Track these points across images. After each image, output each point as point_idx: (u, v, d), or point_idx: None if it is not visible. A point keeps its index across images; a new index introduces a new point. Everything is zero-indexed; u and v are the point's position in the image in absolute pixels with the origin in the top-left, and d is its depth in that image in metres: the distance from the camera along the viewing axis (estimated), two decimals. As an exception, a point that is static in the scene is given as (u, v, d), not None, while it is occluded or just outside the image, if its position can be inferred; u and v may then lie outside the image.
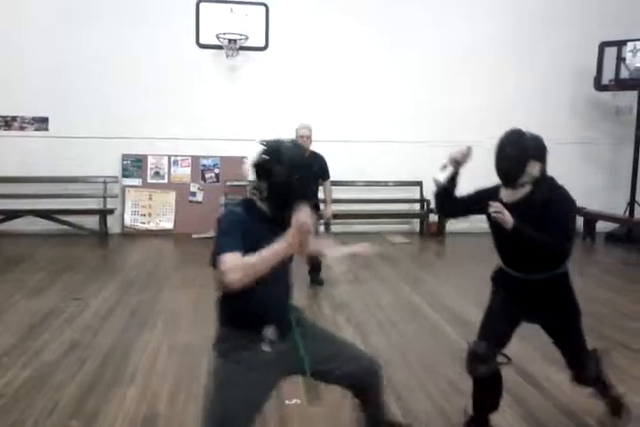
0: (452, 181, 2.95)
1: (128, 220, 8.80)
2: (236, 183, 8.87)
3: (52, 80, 8.47)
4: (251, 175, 2.37)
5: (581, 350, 2.94)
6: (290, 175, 2.22)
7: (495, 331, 2.88)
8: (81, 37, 8.42)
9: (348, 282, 6.19)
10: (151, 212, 8.84)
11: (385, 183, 9.24)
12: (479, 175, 3.39)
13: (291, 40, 8.77)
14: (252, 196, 2.33)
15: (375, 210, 9.13)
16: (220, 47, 8.55)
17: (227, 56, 8.56)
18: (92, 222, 8.48)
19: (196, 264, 6.96)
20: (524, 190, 2.73)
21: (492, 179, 2.88)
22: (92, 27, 8.43)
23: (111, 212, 8.63)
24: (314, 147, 5.81)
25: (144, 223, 8.83)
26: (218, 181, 8.96)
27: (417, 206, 9.45)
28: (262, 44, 8.73)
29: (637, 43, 8.54)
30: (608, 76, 8.89)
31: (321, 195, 5.98)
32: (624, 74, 8.71)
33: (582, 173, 9.22)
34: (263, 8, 8.68)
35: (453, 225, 9.07)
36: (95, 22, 8.44)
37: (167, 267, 6.92)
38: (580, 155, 9.52)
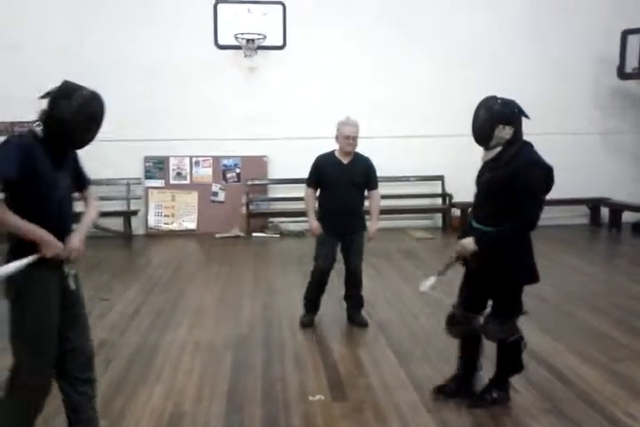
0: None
1: (152, 221, 8.90)
2: (257, 182, 8.94)
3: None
4: None
5: (508, 308, 3.13)
6: None
7: (466, 297, 3.31)
8: (99, 41, 8.51)
9: (370, 278, 6.19)
10: (174, 212, 8.93)
11: (407, 178, 9.19)
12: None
13: (308, 38, 8.76)
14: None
15: (398, 206, 9.05)
16: (238, 47, 8.58)
17: (245, 56, 8.60)
18: (116, 224, 8.57)
19: (219, 263, 7.03)
20: (495, 151, 2.99)
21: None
22: (111, 30, 8.52)
23: (135, 213, 8.73)
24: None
25: (167, 224, 8.92)
26: (239, 180, 9.01)
27: (439, 201, 9.40)
28: (280, 42, 8.76)
29: (660, 30, 8.38)
30: (632, 64, 8.73)
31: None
32: (648, 62, 8.55)
33: (606, 164, 9.10)
34: (280, 7, 8.70)
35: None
36: (113, 26, 8.52)
37: (191, 266, 6.99)
38: (603, 145, 9.36)
